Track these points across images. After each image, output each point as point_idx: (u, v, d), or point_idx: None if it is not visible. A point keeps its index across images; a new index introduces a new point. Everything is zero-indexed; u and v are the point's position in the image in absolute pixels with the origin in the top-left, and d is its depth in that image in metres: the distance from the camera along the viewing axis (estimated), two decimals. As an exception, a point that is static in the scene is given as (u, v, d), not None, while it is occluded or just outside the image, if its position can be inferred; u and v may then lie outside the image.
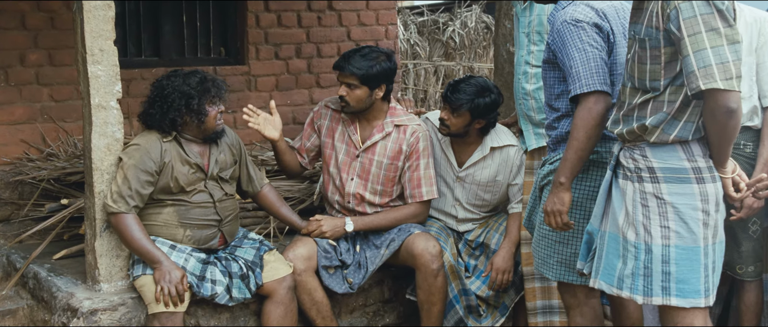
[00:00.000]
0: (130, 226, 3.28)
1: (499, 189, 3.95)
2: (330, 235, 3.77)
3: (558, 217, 2.92)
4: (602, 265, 2.77)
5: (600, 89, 2.84)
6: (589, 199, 3.08)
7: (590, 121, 2.82)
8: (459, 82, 3.81)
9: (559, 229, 2.96)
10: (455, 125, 3.78)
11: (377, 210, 3.88)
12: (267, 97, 5.59)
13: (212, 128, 3.44)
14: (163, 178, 3.37)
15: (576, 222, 3.12)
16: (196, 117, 3.39)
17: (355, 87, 3.69)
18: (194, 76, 3.44)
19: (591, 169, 3.07)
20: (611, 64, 3.01)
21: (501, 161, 3.91)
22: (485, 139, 3.93)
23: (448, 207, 4.01)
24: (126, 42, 5.19)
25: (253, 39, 5.52)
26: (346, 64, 3.68)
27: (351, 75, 3.67)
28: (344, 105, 3.75)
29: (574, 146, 2.85)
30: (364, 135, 3.86)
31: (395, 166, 3.84)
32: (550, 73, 3.16)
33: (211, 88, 3.42)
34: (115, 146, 3.41)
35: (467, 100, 3.73)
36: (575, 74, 2.90)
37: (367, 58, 3.69)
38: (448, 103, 3.78)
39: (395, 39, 6.28)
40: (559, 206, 2.91)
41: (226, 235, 3.59)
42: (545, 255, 3.23)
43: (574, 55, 2.91)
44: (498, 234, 3.95)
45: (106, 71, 3.38)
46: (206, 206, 3.50)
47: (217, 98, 3.44)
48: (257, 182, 3.76)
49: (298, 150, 3.96)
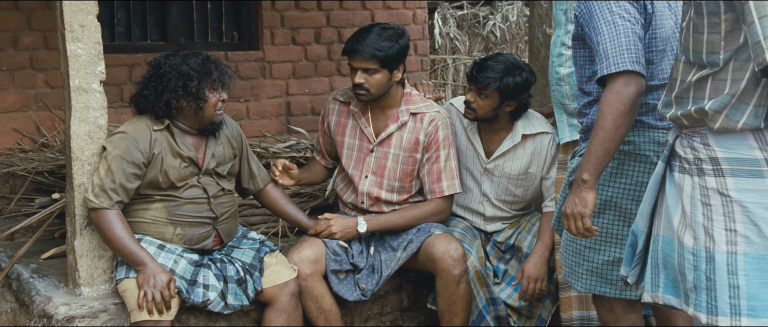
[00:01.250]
0: (112, 223, 3.02)
1: (531, 183, 3.69)
2: (340, 236, 3.51)
3: (579, 221, 2.59)
4: (662, 277, 2.40)
5: (630, 69, 2.51)
6: (625, 199, 2.76)
7: (619, 106, 2.49)
8: (486, 60, 3.54)
9: (580, 235, 2.62)
10: (483, 108, 3.53)
11: (395, 209, 3.62)
12: (283, 85, 5.40)
13: (210, 118, 3.18)
14: (152, 171, 3.11)
15: (609, 225, 2.80)
16: (194, 102, 3.13)
17: (375, 71, 3.44)
18: (196, 57, 3.19)
19: (626, 162, 2.75)
20: (649, 39, 2.69)
21: (534, 150, 3.66)
22: (516, 126, 3.66)
23: (474, 203, 3.75)
24: (130, 25, 5.00)
25: (268, 22, 5.32)
26: (362, 46, 3.41)
27: (371, 58, 3.40)
28: (363, 93, 3.48)
29: (600, 136, 2.52)
30: (377, 127, 3.61)
31: (413, 158, 3.58)
32: (579, 52, 2.85)
33: (213, 72, 3.16)
34: (98, 134, 3.15)
35: (496, 79, 3.47)
36: (602, 52, 2.57)
37: (384, 37, 3.43)
38: (474, 83, 3.53)
39: (423, 24, 6.05)
40: (581, 208, 2.57)
41: (222, 235, 3.31)
42: (573, 263, 2.91)
43: (602, 29, 2.59)
44: (531, 236, 3.69)
45: (87, 49, 3.11)
46: (199, 202, 3.23)
47: (219, 84, 3.18)
48: (259, 179, 3.50)
49: (319, 151, 3.80)
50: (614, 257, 2.81)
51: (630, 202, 2.76)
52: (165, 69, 3.14)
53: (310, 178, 3.82)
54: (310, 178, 3.82)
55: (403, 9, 5.87)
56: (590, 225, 2.59)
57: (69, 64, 3.08)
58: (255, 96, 5.26)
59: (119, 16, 4.92)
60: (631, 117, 2.53)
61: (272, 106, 5.34)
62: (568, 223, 2.63)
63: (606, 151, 2.52)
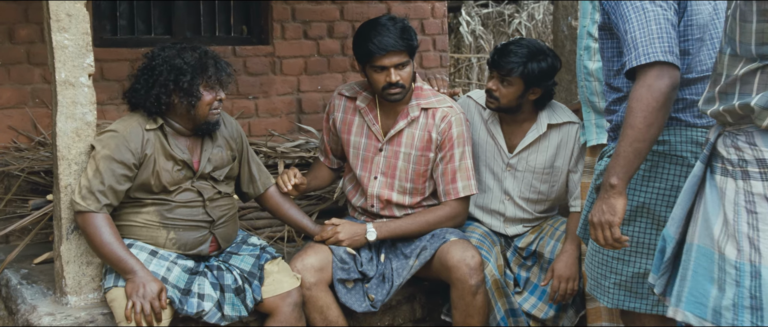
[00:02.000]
0: (99, 227, 2.86)
1: (558, 178, 3.54)
2: (348, 243, 3.35)
3: (607, 231, 2.39)
4: (687, 289, 2.18)
5: (662, 59, 2.31)
6: (659, 205, 2.55)
7: (650, 102, 2.30)
8: (508, 45, 3.42)
9: (608, 246, 2.42)
10: (506, 96, 3.40)
11: (408, 213, 3.47)
12: (294, 81, 5.22)
13: (204, 117, 3.02)
14: (143, 173, 2.96)
15: (641, 234, 2.58)
16: (186, 99, 2.97)
17: (407, 64, 3.32)
18: (192, 51, 3.03)
19: (660, 164, 2.54)
20: (684, 26, 2.49)
21: (560, 142, 3.52)
22: (540, 116, 3.53)
23: (494, 203, 3.61)
24: (133, 18, 4.85)
25: (279, 16, 5.14)
26: (399, 40, 3.25)
27: (403, 50, 3.27)
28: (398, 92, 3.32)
29: (630, 136, 2.32)
30: (386, 124, 3.46)
31: (425, 157, 3.42)
32: (606, 43, 2.64)
33: (209, 67, 3.00)
34: (86, 132, 3.00)
35: (519, 64, 3.35)
36: (631, 41, 2.37)
37: (404, 30, 3.31)
38: (496, 68, 3.40)
39: (442, 18, 5.84)
40: (609, 216, 2.37)
41: (219, 239, 3.14)
42: (599, 275, 2.70)
43: (630, 16, 2.39)
44: (554, 241, 3.53)
45: (75, 40, 2.96)
46: (194, 205, 3.06)
47: (215, 81, 3.02)
48: (260, 183, 3.35)
49: (324, 151, 3.65)
50: (645, 269, 2.61)
51: (664, 209, 2.55)
52: (157, 61, 3.00)
53: (316, 185, 3.70)
54: (317, 184, 3.69)
55: (421, 2, 5.67)
56: (619, 235, 2.39)
57: (55, 56, 2.94)
58: (264, 93, 5.10)
59: (122, 8, 4.78)
60: (664, 114, 2.33)
61: (283, 103, 5.19)
62: (595, 232, 2.44)
63: (636, 152, 2.33)
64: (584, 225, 2.80)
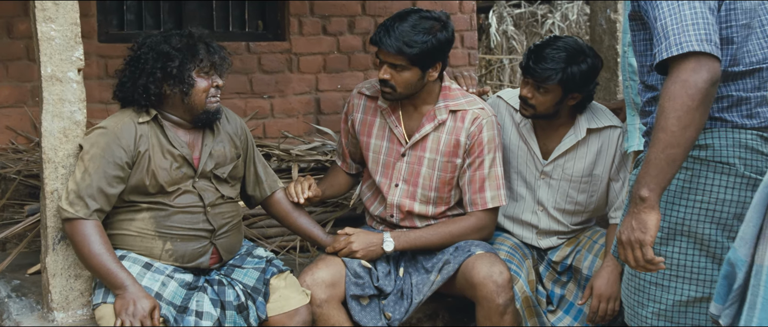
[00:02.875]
0: (87, 236, 2.68)
1: (597, 188, 3.35)
2: (362, 255, 3.15)
3: (637, 251, 2.20)
4: (757, 318, 1.97)
5: (698, 50, 2.11)
6: (701, 221, 2.34)
7: (685, 100, 2.11)
8: (543, 47, 3.17)
9: (640, 268, 2.22)
10: (542, 104, 3.19)
11: (430, 223, 3.28)
12: (312, 80, 5.17)
13: (201, 106, 2.84)
14: (137, 173, 2.77)
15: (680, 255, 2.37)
16: (178, 87, 2.80)
17: (403, 68, 3.08)
18: (180, 36, 2.86)
19: (702, 173, 2.33)
20: (727, 11, 2.28)
21: (600, 148, 3.32)
22: (579, 119, 3.32)
23: (526, 214, 3.41)
24: (142, 11, 4.78)
25: (296, 10, 5.09)
26: (389, 38, 3.03)
27: (398, 54, 3.03)
28: (388, 91, 3.14)
29: (662, 141, 2.13)
30: (410, 127, 3.25)
31: (452, 164, 3.21)
32: (638, 35, 2.43)
33: (199, 51, 2.82)
34: (75, 132, 2.84)
35: (557, 70, 3.12)
36: (661, 29, 2.17)
37: (419, 29, 3.04)
38: (531, 76, 3.17)
39: (471, 13, 5.76)
40: (639, 233, 2.18)
41: (221, 251, 2.94)
42: (635, 302, 2.48)
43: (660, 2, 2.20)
44: (592, 255, 3.33)
45: (62, 31, 2.79)
46: (193, 211, 2.86)
47: (208, 65, 2.84)
48: (267, 185, 3.15)
49: (341, 154, 3.46)
50: (688, 296, 2.39)
51: (708, 226, 2.32)
52: (143, 50, 2.84)
53: (332, 193, 3.50)
54: (333, 192, 3.49)
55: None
56: (653, 256, 2.18)
57: (40, 49, 2.77)
58: (280, 92, 5.04)
59: (129, 2, 4.73)
60: (702, 113, 2.13)
61: (300, 103, 5.13)
62: (624, 252, 2.23)
63: (670, 159, 2.14)
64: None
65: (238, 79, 4.84)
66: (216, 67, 2.84)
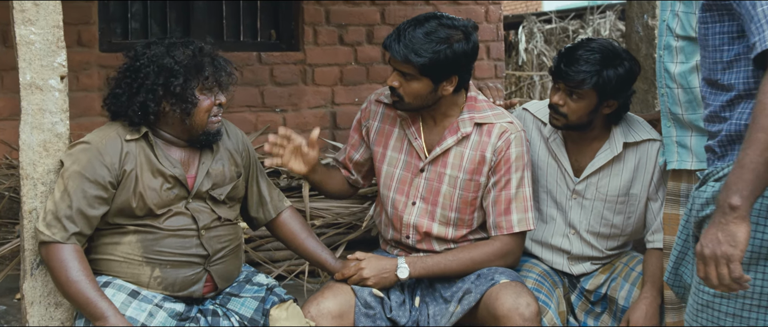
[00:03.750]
0: (65, 261, 2.50)
1: (634, 208, 3.20)
2: (374, 282, 2.96)
3: (724, 267, 2.00)
4: None
5: None
6: None
7: None
8: (576, 49, 3.05)
9: (723, 287, 2.03)
10: (576, 112, 3.05)
11: (449, 247, 3.09)
12: (327, 93, 5.09)
13: (202, 126, 2.67)
14: (123, 194, 2.59)
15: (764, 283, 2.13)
16: (179, 105, 2.62)
17: (412, 78, 2.91)
18: (185, 47, 2.68)
19: None
20: None
21: (638, 164, 3.19)
22: (614, 132, 3.18)
23: (556, 238, 3.24)
24: (147, 20, 4.73)
25: (311, 18, 5.06)
26: (397, 44, 2.87)
27: (405, 62, 2.87)
28: (396, 100, 2.99)
29: (762, 142, 1.95)
30: (430, 140, 3.07)
31: (476, 182, 3.02)
32: (714, 28, 2.22)
33: (205, 67, 2.64)
34: (56, 145, 2.65)
35: (592, 73, 2.99)
36: (762, 15, 2.00)
37: (432, 38, 2.87)
38: (563, 80, 3.03)
39: (498, 22, 5.70)
40: (728, 248, 1.99)
41: (216, 278, 2.74)
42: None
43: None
44: (629, 284, 3.16)
45: (43, 35, 2.62)
46: (186, 235, 2.67)
47: (214, 83, 2.67)
48: (272, 206, 2.96)
49: (342, 163, 3.26)
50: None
51: None
52: (143, 61, 2.65)
53: (331, 186, 3.22)
54: (331, 186, 3.21)
55: (473, 4, 5.54)
56: (741, 273, 1.98)
57: (19, 54, 2.60)
58: (294, 105, 4.99)
59: (134, 9, 4.68)
60: None
61: (314, 117, 5.09)
62: (706, 269, 2.04)
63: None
64: (674, 270, 2.39)
65: (248, 91, 4.78)
66: (221, 84, 2.69)
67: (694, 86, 2.83)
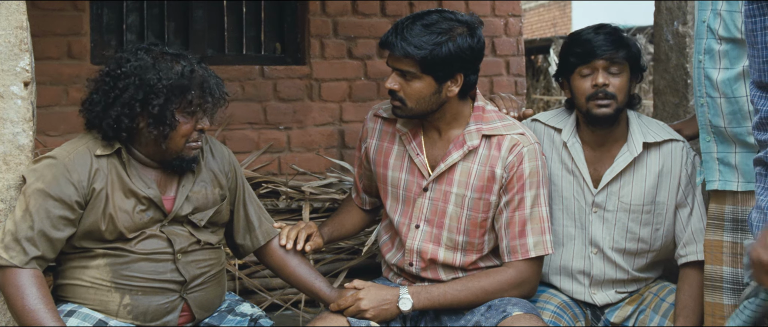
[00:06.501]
0: (22, 288, 2.34)
1: (662, 218, 3.07)
2: (373, 314, 2.78)
3: None
4: None
5: None
6: None
7: None
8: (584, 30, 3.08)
9: None
10: (622, 90, 3.03)
11: (458, 276, 2.91)
12: (335, 109, 4.98)
13: (177, 151, 2.52)
14: (91, 215, 2.44)
15: None
16: (156, 127, 2.46)
17: (413, 76, 2.75)
18: (174, 62, 2.51)
19: None
20: None
21: (662, 167, 3.05)
22: (632, 131, 3.08)
23: (577, 260, 3.08)
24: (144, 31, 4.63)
25: (317, 30, 4.96)
26: (395, 37, 2.72)
27: (405, 57, 2.70)
28: (398, 105, 2.82)
29: None
30: (433, 155, 2.90)
31: (485, 201, 2.83)
32: (762, 21, 2.07)
33: (190, 89, 2.48)
34: (18, 158, 2.49)
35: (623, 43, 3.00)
36: None
37: (433, 29, 2.71)
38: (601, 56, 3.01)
39: (518, 36, 5.55)
40: None
41: (193, 308, 2.58)
42: None
43: None
44: (659, 315, 3.01)
45: (4, 37, 2.46)
46: (160, 258, 2.50)
47: (198, 107, 2.51)
48: (260, 233, 2.80)
49: (355, 186, 3.16)
50: None
51: None
52: (126, 69, 2.48)
53: (342, 234, 3.15)
54: (343, 232, 3.14)
55: (491, 16, 5.43)
56: None
57: None
58: (299, 122, 4.88)
59: (130, 20, 4.58)
60: None
61: (321, 135, 4.95)
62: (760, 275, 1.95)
63: None
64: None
65: (250, 107, 4.65)
66: (205, 109, 2.52)
67: (739, 95, 2.65)
